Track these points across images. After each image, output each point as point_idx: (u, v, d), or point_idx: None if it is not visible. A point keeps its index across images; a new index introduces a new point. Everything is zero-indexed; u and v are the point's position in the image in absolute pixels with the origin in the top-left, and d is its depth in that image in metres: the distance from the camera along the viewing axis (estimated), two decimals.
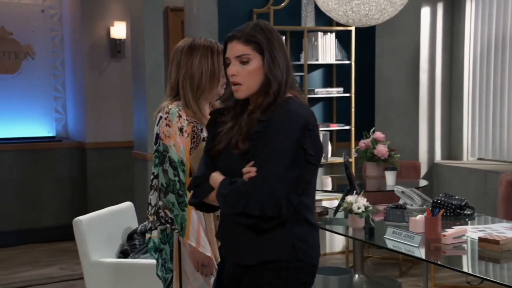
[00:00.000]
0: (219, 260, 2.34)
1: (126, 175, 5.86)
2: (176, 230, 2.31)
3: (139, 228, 3.34)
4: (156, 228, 2.35)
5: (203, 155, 2.01)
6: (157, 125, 2.36)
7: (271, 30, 1.93)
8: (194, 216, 2.30)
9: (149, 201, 2.38)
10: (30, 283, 4.68)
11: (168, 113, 2.33)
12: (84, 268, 3.09)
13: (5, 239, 5.20)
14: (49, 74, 5.97)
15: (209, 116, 2.32)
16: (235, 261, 1.95)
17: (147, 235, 2.37)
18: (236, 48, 1.89)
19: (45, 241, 5.75)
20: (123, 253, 3.25)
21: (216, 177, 1.92)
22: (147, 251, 3.27)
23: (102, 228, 3.19)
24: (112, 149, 5.90)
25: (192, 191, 1.98)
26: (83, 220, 3.07)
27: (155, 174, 2.34)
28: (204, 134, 2.34)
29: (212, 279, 2.37)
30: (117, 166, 5.90)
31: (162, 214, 2.32)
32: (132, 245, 3.27)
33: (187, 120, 2.34)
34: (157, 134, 2.35)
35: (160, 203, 2.33)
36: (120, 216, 3.37)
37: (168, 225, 2.32)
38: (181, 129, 2.32)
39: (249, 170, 1.84)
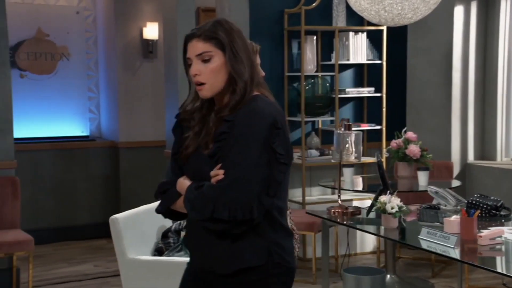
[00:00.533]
0: None
1: (158, 174, 5.91)
2: None
3: (173, 227, 3.37)
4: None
5: (170, 160, 1.93)
6: None
7: (231, 26, 1.86)
8: None
9: None
10: (66, 279, 4.76)
11: None
12: (120, 265, 3.13)
13: (41, 236, 5.29)
14: (83, 74, 6.06)
15: None
16: (210, 270, 1.87)
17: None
18: (197, 46, 1.82)
19: (80, 238, 5.83)
20: (158, 251, 3.28)
21: (183, 183, 1.84)
22: (182, 249, 3.31)
23: (138, 226, 3.23)
24: (144, 148, 5.95)
25: (157, 198, 1.91)
26: (119, 218, 3.11)
27: None
28: None
29: None
30: (149, 165, 5.95)
31: None
32: (166, 243, 3.30)
33: None
34: None
35: None
36: (154, 214, 3.38)
37: None
38: None
39: (217, 173, 1.77)
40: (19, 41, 5.66)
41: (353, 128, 3.57)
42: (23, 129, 5.61)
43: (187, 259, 3.10)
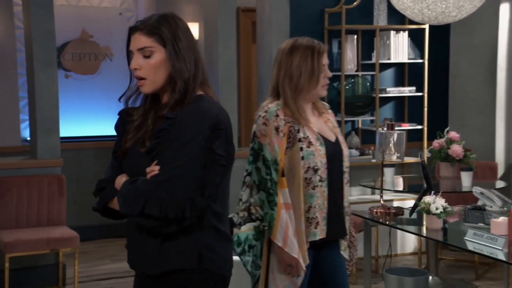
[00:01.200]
0: (307, 262, 2.34)
1: None
2: (266, 228, 2.32)
3: None
4: (244, 224, 2.36)
5: (111, 157, 1.88)
6: (256, 123, 2.38)
7: (177, 22, 1.80)
8: (283, 216, 2.29)
9: (240, 197, 2.40)
10: (110, 275, 4.81)
11: (266, 112, 2.35)
12: None
13: (86, 233, 5.37)
14: (125, 74, 6.04)
15: (308, 117, 2.34)
16: (141, 271, 1.83)
17: (235, 230, 2.39)
18: (139, 40, 1.76)
19: (121, 236, 5.89)
20: None
21: (121, 179, 1.78)
22: None
23: None
24: None
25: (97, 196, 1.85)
26: None
27: (248, 171, 2.37)
28: (301, 134, 2.34)
29: (299, 281, 2.34)
30: None
31: (253, 211, 2.34)
32: None
33: (284, 120, 2.34)
34: (254, 132, 2.37)
35: (252, 200, 2.35)
36: None
37: (259, 222, 2.33)
38: (277, 129, 2.32)
39: (153, 169, 1.71)
40: (64, 42, 5.77)
41: (395, 128, 3.53)
42: (68, 128, 5.71)
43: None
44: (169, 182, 1.68)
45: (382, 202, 3.54)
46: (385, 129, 3.40)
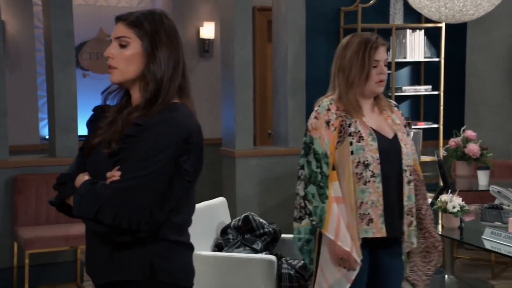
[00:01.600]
0: (361, 257, 2.28)
1: (212, 171, 5.96)
2: (314, 222, 2.29)
3: (232, 223, 3.39)
4: (304, 218, 2.35)
5: (78, 153, 1.82)
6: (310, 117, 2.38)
7: (164, 20, 1.73)
8: (334, 209, 2.26)
9: (296, 191, 2.37)
10: None
11: (319, 106, 2.35)
12: None
13: None
14: None
15: (365, 113, 2.32)
16: (90, 277, 1.76)
17: (295, 224, 2.39)
18: (119, 29, 1.72)
19: None
20: (218, 247, 3.31)
21: (81, 178, 1.70)
22: (240, 245, 3.33)
23: (198, 222, 3.22)
24: None
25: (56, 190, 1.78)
26: None
27: (301, 165, 2.34)
28: (352, 129, 2.29)
29: (353, 275, 2.29)
30: (205, 162, 5.99)
31: (302, 204, 2.32)
32: (226, 239, 3.33)
33: (335, 114, 2.30)
34: (306, 126, 2.36)
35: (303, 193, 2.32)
36: (213, 211, 3.44)
37: (307, 216, 2.31)
38: (327, 122, 2.29)
39: (113, 175, 1.63)
40: (82, 42, 5.80)
41: (412, 127, 3.53)
42: (84, 126, 5.74)
43: (247, 255, 3.16)
44: (128, 191, 1.60)
45: None
46: None
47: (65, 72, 4.43)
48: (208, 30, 5.91)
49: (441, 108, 5.21)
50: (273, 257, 3.02)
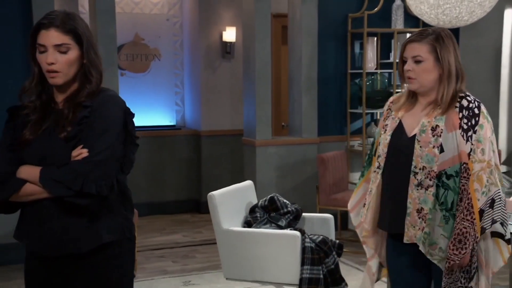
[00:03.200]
0: (362, 235, 2.24)
1: (234, 159, 6.03)
2: None
3: (260, 203, 3.44)
4: None
5: (1, 152, 1.74)
6: None
7: (83, 20, 1.77)
8: (362, 187, 2.27)
9: None
10: (161, 246, 4.91)
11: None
12: (216, 235, 3.20)
13: (137, 209, 5.48)
14: (171, 72, 6.21)
15: (405, 108, 2.13)
16: (63, 253, 1.72)
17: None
18: (55, 36, 1.68)
19: (168, 213, 6.00)
20: (247, 224, 3.35)
21: (31, 169, 1.69)
22: (267, 223, 3.38)
23: (230, 202, 3.29)
24: (223, 136, 6.03)
25: None
26: (215, 194, 3.19)
27: None
28: (388, 121, 2.17)
29: (368, 252, 2.29)
30: (227, 151, 6.06)
31: None
32: (254, 217, 3.37)
33: (387, 106, 2.23)
34: None
35: None
36: (243, 192, 3.48)
37: None
38: (383, 113, 2.25)
39: (81, 152, 1.68)
40: (120, 45, 5.84)
41: None
42: None
43: (274, 230, 3.20)
44: (102, 162, 1.67)
45: None
46: None
47: (108, 71, 4.47)
48: (230, 34, 5.94)
49: None
50: (297, 233, 3.05)
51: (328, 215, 3.41)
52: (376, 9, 5.01)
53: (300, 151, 5.00)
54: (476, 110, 2.04)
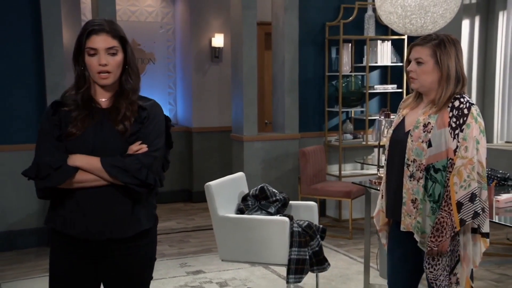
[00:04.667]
0: (379, 224, 2.19)
1: (222, 153, 6.04)
2: None
3: (251, 192, 3.46)
4: None
5: (46, 142, 1.71)
6: None
7: (119, 25, 1.79)
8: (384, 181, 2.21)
9: None
10: (158, 232, 4.84)
11: None
12: (213, 221, 3.20)
13: None
14: (165, 75, 6.18)
15: (411, 106, 2.12)
16: (108, 238, 1.72)
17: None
18: (107, 41, 1.71)
19: (162, 202, 5.98)
20: (240, 211, 3.36)
21: (86, 158, 1.69)
22: (258, 210, 3.40)
23: (224, 191, 3.30)
24: (212, 133, 6.04)
25: (43, 176, 1.68)
26: (212, 185, 3.19)
27: None
28: (395, 118, 2.17)
29: (381, 236, 2.25)
30: (215, 146, 6.07)
31: None
32: (246, 205, 3.38)
33: (401, 104, 2.23)
34: None
35: None
36: (236, 182, 3.48)
37: None
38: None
39: (141, 147, 1.72)
40: None
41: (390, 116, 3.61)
42: None
43: (265, 217, 3.23)
44: (157, 159, 1.73)
45: (379, 174, 3.65)
46: (382, 117, 3.49)
47: None
48: (218, 40, 5.94)
49: None
50: (286, 219, 3.08)
51: (312, 203, 3.46)
52: (350, 18, 5.08)
53: (283, 145, 5.05)
54: (465, 111, 2.00)
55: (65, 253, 1.78)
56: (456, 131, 2.00)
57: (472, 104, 2.04)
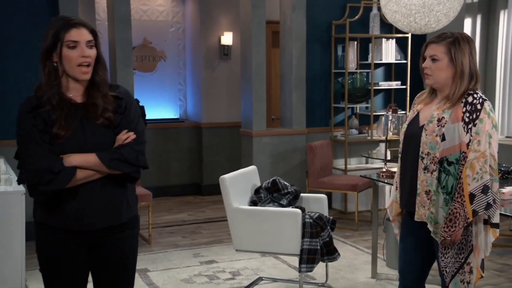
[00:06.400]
0: (392, 215, 2.20)
1: (230, 147, 6.08)
2: None
3: (263, 185, 3.49)
4: None
5: (36, 146, 1.64)
6: None
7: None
8: (398, 171, 2.20)
9: None
10: (171, 224, 4.94)
11: None
12: (227, 213, 3.23)
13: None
14: (175, 72, 6.21)
15: (425, 101, 2.13)
16: (106, 226, 1.72)
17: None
18: (87, 35, 1.71)
19: (173, 195, 6.03)
20: (253, 203, 3.39)
21: (81, 156, 1.66)
22: (270, 202, 3.43)
23: (238, 184, 3.32)
24: (221, 128, 6.07)
25: (46, 181, 1.63)
26: (226, 178, 3.21)
27: None
28: (410, 113, 2.17)
29: (394, 228, 2.27)
30: (224, 141, 6.09)
31: None
32: (258, 197, 3.41)
33: (416, 99, 2.25)
34: None
35: None
36: (248, 175, 3.50)
37: None
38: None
39: (129, 135, 1.72)
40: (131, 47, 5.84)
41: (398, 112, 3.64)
42: None
43: (278, 208, 3.27)
44: (145, 142, 1.77)
45: (385, 168, 3.69)
46: (390, 112, 3.52)
47: (124, 71, 4.50)
48: (227, 38, 5.96)
49: (408, 98, 5.36)
50: (298, 210, 3.11)
51: (322, 195, 3.50)
52: (356, 17, 5.10)
53: (290, 140, 5.09)
54: (478, 106, 2.01)
55: (58, 246, 1.74)
56: (469, 126, 2.01)
57: (485, 99, 2.05)
